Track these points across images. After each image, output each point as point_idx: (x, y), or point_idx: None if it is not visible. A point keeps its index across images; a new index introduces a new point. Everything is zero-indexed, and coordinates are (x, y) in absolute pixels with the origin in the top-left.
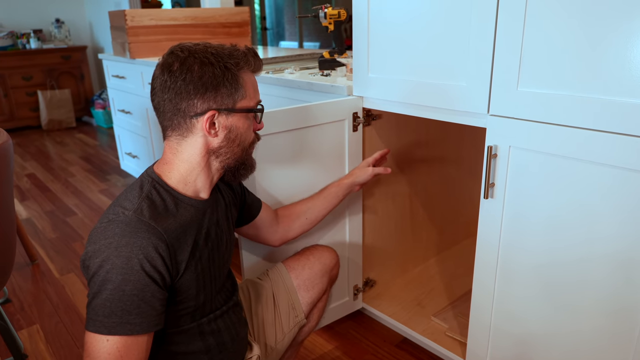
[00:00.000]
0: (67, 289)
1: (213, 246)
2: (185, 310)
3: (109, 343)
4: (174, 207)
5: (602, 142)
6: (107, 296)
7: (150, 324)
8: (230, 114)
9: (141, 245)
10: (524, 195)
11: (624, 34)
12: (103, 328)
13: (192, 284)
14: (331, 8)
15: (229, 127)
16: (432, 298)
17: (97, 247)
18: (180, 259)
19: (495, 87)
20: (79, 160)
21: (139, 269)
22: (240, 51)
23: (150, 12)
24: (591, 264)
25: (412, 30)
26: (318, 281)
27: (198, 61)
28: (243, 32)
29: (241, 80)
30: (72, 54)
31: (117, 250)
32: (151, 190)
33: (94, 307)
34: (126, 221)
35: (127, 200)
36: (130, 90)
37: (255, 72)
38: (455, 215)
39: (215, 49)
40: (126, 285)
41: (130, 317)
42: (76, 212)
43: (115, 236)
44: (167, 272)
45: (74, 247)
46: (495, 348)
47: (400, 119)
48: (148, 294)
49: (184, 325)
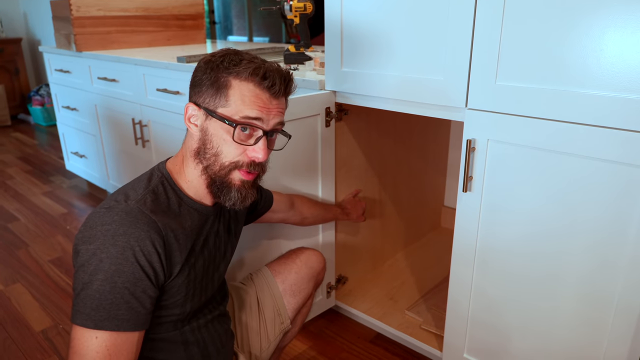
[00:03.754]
0: (13, 300)
1: (209, 255)
2: (168, 317)
3: (97, 341)
4: (177, 208)
5: (579, 134)
6: (97, 287)
7: (139, 322)
8: (209, 117)
9: (139, 236)
10: (502, 188)
11: (598, 29)
12: (89, 321)
13: (181, 290)
14: (296, 1)
15: (204, 130)
16: (404, 292)
17: (93, 232)
18: (175, 261)
19: (474, 81)
20: (17, 161)
21: (134, 261)
22: (257, 62)
23: (97, 2)
24: (569, 255)
25: (388, 23)
26: (304, 286)
27: (208, 60)
28: (197, 24)
29: (229, 87)
30: (5, 46)
31: (113, 238)
32: (158, 185)
33: (83, 298)
34: (127, 210)
35: (132, 190)
36: (77, 85)
37: (267, 89)
38: (420, 208)
39: (241, 55)
40: (119, 277)
41: (119, 311)
42: (18, 217)
43: (113, 223)
44: (161, 269)
45: (18, 255)
46: (473, 339)
47: (368, 113)
48: (139, 289)
49: (165, 333)
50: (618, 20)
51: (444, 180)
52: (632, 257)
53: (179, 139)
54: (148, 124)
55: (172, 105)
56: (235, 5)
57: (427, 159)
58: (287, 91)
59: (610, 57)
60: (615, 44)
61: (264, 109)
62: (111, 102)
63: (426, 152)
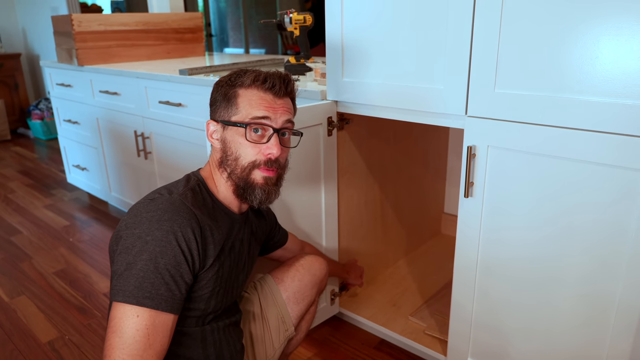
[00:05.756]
0: (19, 313)
1: (235, 259)
2: (193, 311)
3: (138, 319)
4: (212, 208)
5: (576, 139)
6: (141, 266)
7: (174, 305)
8: (226, 127)
9: (182, 223)
10: (503, 193)
11: (592, 37)
12: (132, 298)
13: (209, 284)
14: (296, 13)
15: (223, 139)
16: (407, 298)
17: (138, 219)
18: (209, 254)
19: (473, 90)
20: (18, 175)
21: (176, 245)
22: (257, 71)
23: (98, 17)
24: (569, 258)
25: (389, 34)
26: (308, 293)
27: (219, 81)
28: (196, 38)
29: (238, 96)
30: (4, 61)
31: (158, 223)
32: (195, 186)
33: (126, 277)
34: (171, 200)
35: (174, 187)
36: (78, 99)
37: (269, 90)
38: (421, 215)
39: (245, 70)
40: (162, 258)
41: (160, 291)
42: (21, 231)
43: (158, 210)
44: (198, 257)
45: (22, 267)
46: (477, 342)
47: (369, 122)
48: (178, 273)
49: (188, 327)
50: (612, 28)
51: (443, 187)
52: (631, 258)
53: (181, 150)
54: (150, 136)
55: (175, 117)
56: (231, 18)
57: (427, 166)
58: (289, 90)
59: (605, 63)
60: (609, 51)
61: (270, 108)
62: (113, 114)
63: (426, 160)
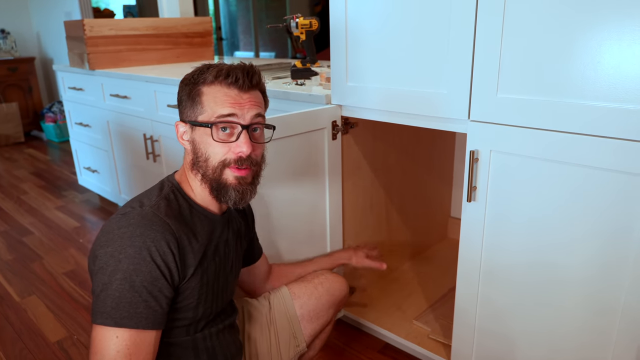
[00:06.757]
0: (29, 312)
1: (220, 262)
2: (181, 321)
3: (118, 340)
4: (189, 214)
5: (578, 144)
6: (116, 286)
7: (156, 321)
8: (194, 128)
9: (155, 237)
10: (505, 198)
11: (595, 43)
12: (110, 320)
13: (194, 293)
14: (302, 18)
15: (193, 140)
16: (412, 302)
17: (110, 236)
18: (189, 263)
19: (475, 94)
20: (31, 176)
21: (150, 260)
22: (220, 65)
23: (109, 22)
24: (572, 262)
25: (392, 39)
26: (324, 313)
27: (183, 79)
28: (206, 42)
29: (202, 95)
30: (19, 65)
31: (130, 239)
32: (169, 193)
33: (103, 299)
34: (142, 214)
35: (146, 198)
36: (90, 102)
37: (233, 84)
38: (427, 219)
39: (209, 65)
40: (137, 276)
41: (138, 309)
42: (33, 231)
43: (130, 226)
44: (176, 270)
45: (33, 267)
46: (480, 347)
47: (374, 126)
48: (156, 288)
49: (177, 338)
50: (614, 34)
51: (450, 191)
52: (635, 262)
53: None
54: (159, 139)
55: None
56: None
57: (433, 170)
58: (254, 83)
59: (607, 69)
60: (611, 57)
61: (236, 104)
62: (123, 118)
63: (432, 164)
